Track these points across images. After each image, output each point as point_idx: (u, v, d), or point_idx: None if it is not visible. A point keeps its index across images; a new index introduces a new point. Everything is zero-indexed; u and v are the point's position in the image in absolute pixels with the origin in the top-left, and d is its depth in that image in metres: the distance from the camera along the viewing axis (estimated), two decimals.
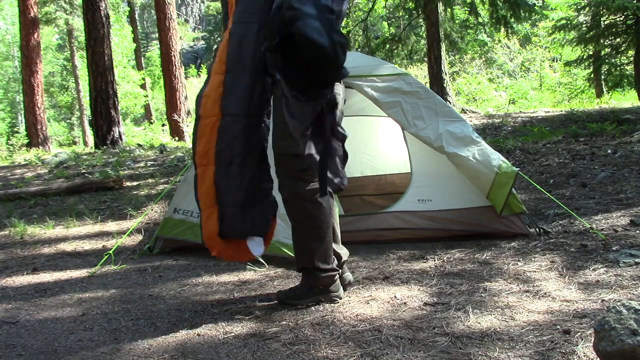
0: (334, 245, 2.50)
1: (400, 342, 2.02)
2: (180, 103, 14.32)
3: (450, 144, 3.53)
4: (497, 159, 3.48)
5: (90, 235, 4.30)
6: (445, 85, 11.15)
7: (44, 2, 18.99)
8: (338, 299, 2.50)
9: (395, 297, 2.56)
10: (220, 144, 2.17)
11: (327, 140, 2.14)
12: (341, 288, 2.56)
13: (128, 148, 10.40)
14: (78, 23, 19.98)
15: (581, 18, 11.80)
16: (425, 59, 13.33)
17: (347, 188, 3.59)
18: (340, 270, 2.56)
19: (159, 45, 15.22)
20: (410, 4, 12.47)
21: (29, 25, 13.98)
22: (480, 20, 12.25)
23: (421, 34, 15.16)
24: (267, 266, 3.19)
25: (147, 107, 28.10)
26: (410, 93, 3.63)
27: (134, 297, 2.74)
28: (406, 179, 3.89)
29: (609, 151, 5.96)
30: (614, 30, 10.43)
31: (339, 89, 2.43)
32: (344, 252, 2.59)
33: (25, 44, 14.01)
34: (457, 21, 12.99)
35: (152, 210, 4.84)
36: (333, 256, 2.49)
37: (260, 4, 2.16)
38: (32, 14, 14.02)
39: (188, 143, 12.70)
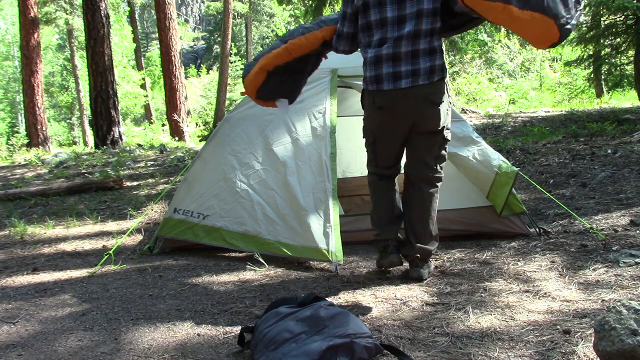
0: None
1: (401, 342, 2.02)
2: (180, 103, 14.31)
3: (450, 144, 3.52)
4: (497, 159, 3.48)
5: (90, 235, 4.30)
6: None
7: (44, 2, 18.97)
8: (384, 265, 2.89)
9: (395, 297, 2.56)
10: None
11: None
12: (391, 258, 2.86)
13: (128, 148, 10.40)
14: (78, 23, 19.98)
15: (581, 18, 11.78)
16: None
17: (347, 188, 3.57)
18: (389, 244, 2.90)
19: (159, 45, 15.21)
20: None
21: (29, 25, 13.97)
22: None
23: None
24: (267, 266, 3.19)
25: (147, 107, 28.09)
26: None
27: (134, 297, 2.74)
28: None
29: (609, 151, 5.96)
30: (614, 30, 10.41)
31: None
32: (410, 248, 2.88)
33: (25, 44, 14.00)
34: None
35: (152, 210, 4.84)
36: (384, 224, 2.91)
37: None
38: (32, 14, 14.01)
39: (188, 143, 12.70)
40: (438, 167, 2.85)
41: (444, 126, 2.78)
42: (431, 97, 2.69)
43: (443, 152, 2.85)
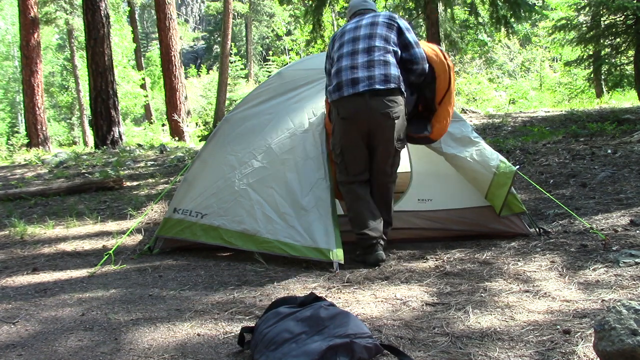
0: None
1: (401, 342, 2.02)
2: (180, 103, 14.31)
3: (449, 144, 3.54)
4: (496, 159, 3.47)
5: (90, 235, 4.30)
6: None
7: (44, 2, 18.96)
8: (371, 262, 3.14)
9: (395, 297, 2.56)
10: None
11: None
12: (377, 255, 3.14)
13: (128, 148, 10.40)
14: (78, 23, 19.97)
15: (581, 18, 11.80)
16: None
17: None
18: (376, 242, 3.18)
19: (159, 45, 15.21)
20: (410, 4, 12.46)
21: (29, 25, 13.96)
22: (480, 20, 12.23)
23: (421, 33, 15.18)
24: (267, 266, 3.19)
25: (147, 107, 28.08)
26: None
27: (134, 297, 2.74)
28: (406, 179, 3.90)
29: (609, 151, 5.96)
30: (614, 30, 10.42)
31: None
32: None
33: (25, 44, 13.99)
34: (457, 21, 12.95)
35: (152, 210, 4.84)
36: (370, 226, 3.15)
37: None
38: (32, 14, 14.00)
39: (188, 143, 12.70)
40: (393, 173, 3.33)
41: (397, 138, 3.18)
42: (389, 111, 3.08)
43: (397, 158, 3.30)
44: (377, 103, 3.05)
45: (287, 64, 16.67)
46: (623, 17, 10.09)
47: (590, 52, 12.36)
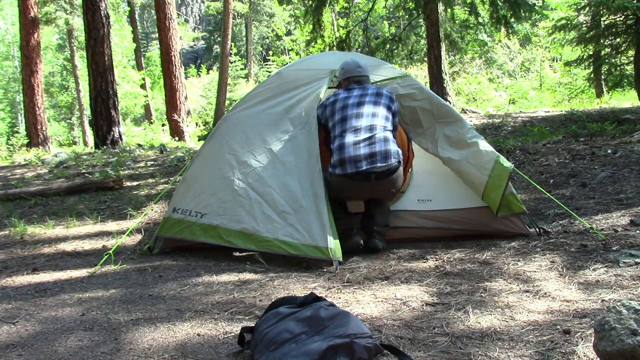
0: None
1: (401, 342, 2.02)
2: (180, 103, 14.31)
3: (445, 148, 3.54)
4: (491, 161, 3.43)
5: (90, 235, 4.30)
6: (445, 85, 11.13)
7: (44, 2, 18.95)
8: (350, 247, 3.36)
9: (395, 297, 2.56)
10: None
11: None
12: (355, 239, 3.38)
13: (128, 148, 10.40)
14: (78, 23, 19.97)
15: (581, 18, 11.80)
16: (425, 59, 13.29)
17: None
18: (353, 227, 3.46)
19: (159, 45, 15.20)
20: (410, 4, 12.48)
21: (29, 25, 13.96)
22: (480, 20, 12.23)
23: (421, 34, 15.15)
24: (267, 266, 3.19)
25: (147, 107, 28.08)
26: (406, 95, 3.64)
27: (134, 297, 2.74)
28: (406, 179, 3.90)
29: (609, 151, 5.96)
30: (614, 30, 10.41)
31: None
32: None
33: (25, 44, 13.99)
34: (457, 21, 12.95)
35: (152, 210, 4.84)
36: (349, 211, 3.57)
37: None
38: (32, 14, 14.00)
39: (188, 143, 12.70)
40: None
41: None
42: (393, 188, 3.39)
43: None
44: (381, 185, 3.33)
45: (287, 64, 16.67)
46: (623, 17, 10.08)
47: (590, 52, 12.36)
